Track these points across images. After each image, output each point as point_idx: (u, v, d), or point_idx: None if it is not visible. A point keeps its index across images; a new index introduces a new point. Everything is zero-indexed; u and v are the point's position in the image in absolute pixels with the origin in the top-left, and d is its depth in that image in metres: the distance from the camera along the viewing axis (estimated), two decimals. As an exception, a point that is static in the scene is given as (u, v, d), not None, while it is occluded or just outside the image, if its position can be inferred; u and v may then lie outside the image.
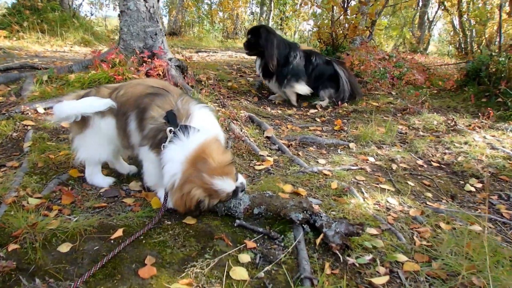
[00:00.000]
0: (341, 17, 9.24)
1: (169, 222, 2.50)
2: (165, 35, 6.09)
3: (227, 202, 2.61)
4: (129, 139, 2.74)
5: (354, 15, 8.82)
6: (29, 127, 3.91)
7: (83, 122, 2.73)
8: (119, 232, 2.30)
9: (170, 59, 5.57)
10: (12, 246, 2.08)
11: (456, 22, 14.66)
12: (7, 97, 4.63)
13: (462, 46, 13.57)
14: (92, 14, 14.93)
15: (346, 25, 9.02)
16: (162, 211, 2.50)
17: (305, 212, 2.51)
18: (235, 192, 2.56)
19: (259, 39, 5.91)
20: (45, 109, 4.38)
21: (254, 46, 6.02)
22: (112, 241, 2.24)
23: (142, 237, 2.30)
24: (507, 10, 9.80)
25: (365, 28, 9.74)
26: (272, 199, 2.62)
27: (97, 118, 2.72)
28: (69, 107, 2.68)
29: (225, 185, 2.44)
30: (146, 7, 5.43)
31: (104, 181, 2.98)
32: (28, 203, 2.54)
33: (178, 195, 2.42)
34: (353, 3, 9.32)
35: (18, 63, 6.07)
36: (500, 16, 8.78)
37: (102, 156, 2.89)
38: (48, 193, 2.73)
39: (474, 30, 12.64)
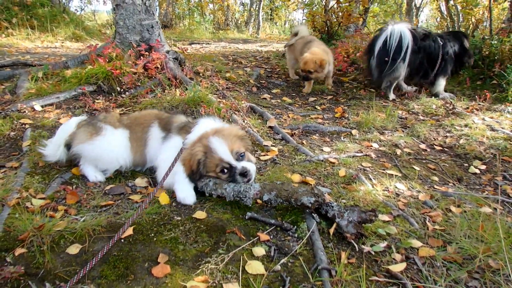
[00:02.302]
0: (335, 5, 9.18)
1: (179, 218, 2.44)
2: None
3: (236, 186, 2.57)
4: (145, 147, 2.95)
5: (348, 3, 8.77)
6: (27, 126, 3.81)
7: (94, 130, 2.88)
8: (129, 231, 2.23)
9: (167, 52, 5.46)
10: (19, 251, 2.01)
11: (443, 8, 14.65)
12: (2, 96, 4.51)
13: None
14: (82, 9, 14.60)
15: (340, 13, 8.95)
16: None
17: (316, 196, 2.47)
18: (230, 168, 2.60)
19: None
20: (42, 106, 4.28)
21: None
22: (122, 240, 2.17)
23: (152, 234, 2.25)
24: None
25: (359, 15, 9.67)
26: (283, 185, 2.58)
27: (109, 129, 2.92)
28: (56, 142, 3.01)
29: (219, 146, 2.55)
30: (142, 0, 5.29)
31: (93, 175, 2.92)
32: (32, 204, 2.46)
33: (187, 153, 2.62)
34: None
35: (10, 60, 5.90)
36: (490, 0, 8.76)
37: (101, 164, 2.94)
38: (51, 193, 2.65)
39: (461, 15, 12.69)
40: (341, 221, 2.37)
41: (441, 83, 6.14)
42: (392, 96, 6.04)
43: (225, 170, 2.60)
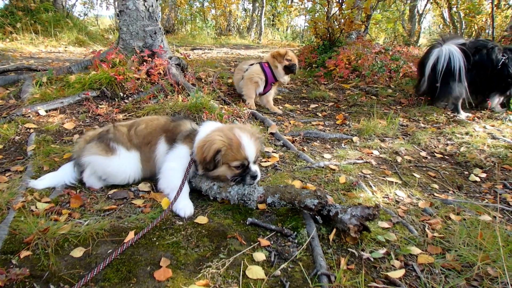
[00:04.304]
0: (337, 12, 9.22)
1: (181, 223, 2.47)
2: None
3: (240, 189, 2.61)
4: (156, 165, 2.93)
5: (350, 10, 8.81)
6: (31, 130, 3.87)
7: (108, 149, 2.86)
8: (132, 235, 2.27)
9: (170, 58, 5.53)
10: (24, 253, 2.04)
11: (446, 15, 14.73)
12: (7, 100, 4.58)
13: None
14: (85, 14, 14.76)
15: (342, 20, 8.99)
16: (168, 209, 2.54)
17: (320, 198, 2.50)
18: (247, 168, 2.64)
19: None
20: (46, 111, 4.34)
21: None
22: (125, 244, 2.21)
23: (155, 238, 2.28)
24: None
25: (361, 22, 9.72)
26: (287, 188, 2.62)
27: (123, 150, 2.88)
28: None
29: (247, 142, 2.57)
30: (145, 6, 5.38)
31: (98, 184, 2.94)
32: (36, 208, 2.50)
33: (201, 143, 2.61)
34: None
35: (14, 65, 5.98)
36: (492, 8, 8.85)
37: (111, 180, 2.94)
38: (56, 197, 2.70)
39: (463, 22, 12.77)
40: (344, 216, 2.37)
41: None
42: (463, 114, 5.65)
43: (240, 168, 2.66)
